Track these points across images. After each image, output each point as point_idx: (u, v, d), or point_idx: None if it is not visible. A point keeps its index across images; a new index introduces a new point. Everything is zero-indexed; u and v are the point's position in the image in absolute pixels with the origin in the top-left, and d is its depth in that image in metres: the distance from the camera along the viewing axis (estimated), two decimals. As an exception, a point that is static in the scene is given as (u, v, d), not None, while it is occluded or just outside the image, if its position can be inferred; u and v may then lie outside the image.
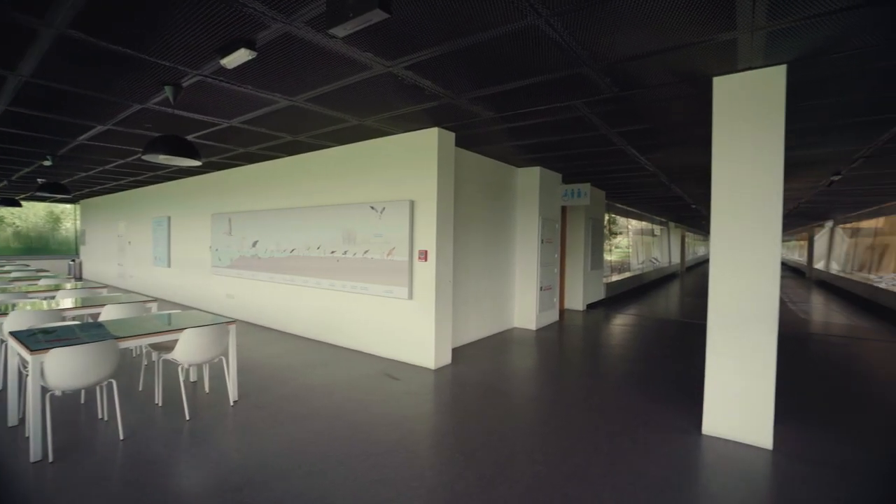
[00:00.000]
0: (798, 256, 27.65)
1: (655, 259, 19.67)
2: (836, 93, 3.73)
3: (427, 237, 5.15)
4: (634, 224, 17.37)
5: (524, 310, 7.52)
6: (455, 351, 5.81)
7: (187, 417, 3.64)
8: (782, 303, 11.90)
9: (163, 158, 4.06)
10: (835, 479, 2.86)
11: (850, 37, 2.77)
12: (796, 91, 3.55)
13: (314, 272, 6.37)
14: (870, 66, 3.20)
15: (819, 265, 19.61)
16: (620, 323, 8.49)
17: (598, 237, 10.56)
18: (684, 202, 12.32)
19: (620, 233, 16.64)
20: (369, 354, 5.69)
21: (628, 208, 14.64)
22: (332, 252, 6.11)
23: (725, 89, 3.36)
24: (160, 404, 3.91)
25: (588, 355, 6.16)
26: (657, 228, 20.04)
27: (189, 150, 3.93)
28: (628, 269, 15.79)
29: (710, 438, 3.40)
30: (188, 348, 3.65)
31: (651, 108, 4.22)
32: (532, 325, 7.44)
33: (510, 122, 4.79)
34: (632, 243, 17.40)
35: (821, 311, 10.92)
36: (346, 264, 5.94)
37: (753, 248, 3.28)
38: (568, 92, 3.83)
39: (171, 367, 4.56)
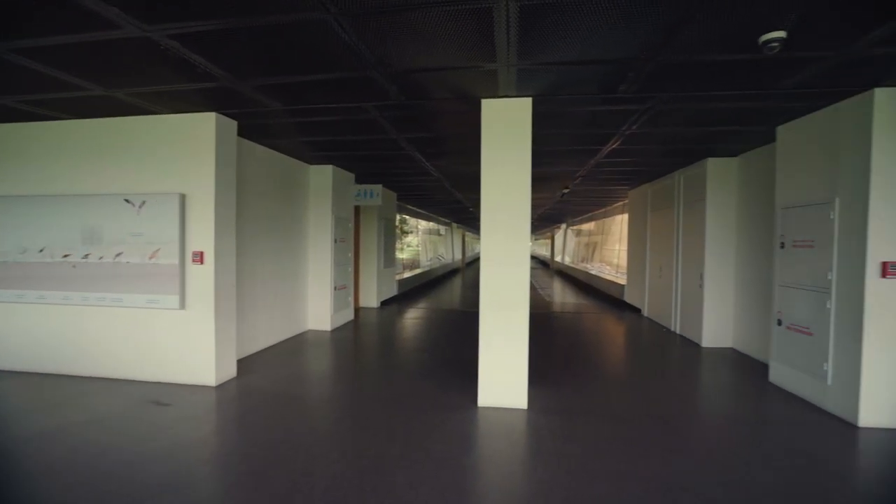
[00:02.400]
0: (545, 252, 34.77)
1: (441, 256, 21.86)
2: (564, 125, 4.83)
3: (203, 236, 4.50)
4: (423, 224, 18.92)
5: (318, 311, 7.34)
6: (242, 362, 5.26)
7: None
8: (533, 289, 14.82)
9: None
10: (569, 421, 3.72)
11: (568, 85, 3.62)
12: (540, 120, 4.44)
13: (36, 283, 4.82)
14: (580, 109, 4.26)
15: (558, 258, 25.08)
16: (412, 316, 9.13)
17: (390, 236, 11.09)
18: (464, 205, 14.04)
19: (411, 232, 17.89)
20: (131, 381, 4.64)
21: (418, 209, 15.83)
22: (66, 256, 4.74)
23: (491, 111, 3.97)
24: None
25: (382, 350, 6.42)
26: (442, 229, 22.29)
27: None
28: (418, 266, 17.10)
29: (484, 409, 3.97)
30: None
31: (435, 118, 4.67)
32: (327, 325, 7.32)
33: (301, 116, 4.60)
34: (421, 242, 18.91)
35: (559, 293, 14.01)
36: (87, 271, 4.69)
37: (510, 246, 3.97)
38: (359, 93, 3.90)
39: None
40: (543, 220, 20.85)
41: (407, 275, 13.92)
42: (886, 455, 3.25)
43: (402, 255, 15.75)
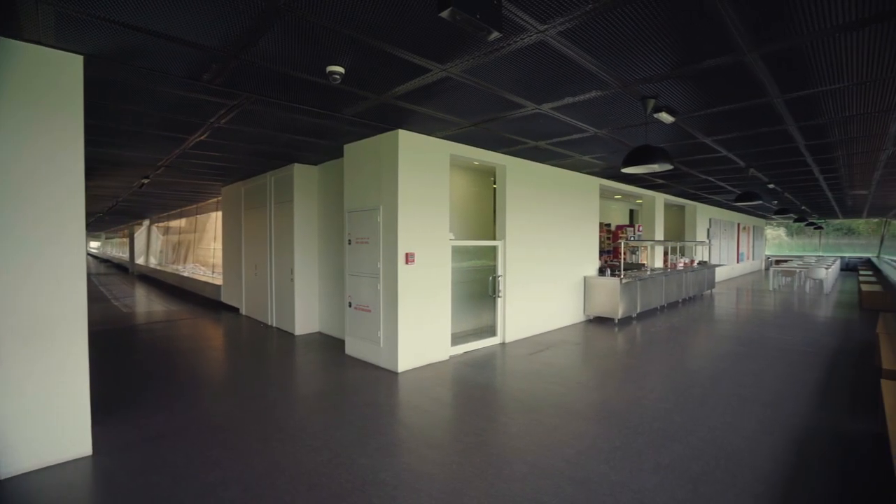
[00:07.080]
0: (122, 253, 28.43)
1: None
2: (143, 103, 4.07)
3: None
4: None
5: None
6: None
7: None
8: (104, 300, 11.85)
9: None
10: (155, 449, 3.21)
11: (142, 56, 3.09)
12: (107, 90, 3.57)
13: None
14: (164, 89, 3.72)
15: (140, 260, 21.09)
16: None
17: None
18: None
19: None
20: None
21: None
22: None
23: (12, 56, 2.84)
24: None
25: None
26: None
27: None
28: None
29: (14, 479, 2.82)
30: None
31: None
32: None
33: None
34: None
35: (143, 302, 11.81)
36: None
37: (42, 247, 2.98)
38: None
39: None
40: (117, 215, 17.02)
41: None
42: (411, 385, 4.64)
43: None
